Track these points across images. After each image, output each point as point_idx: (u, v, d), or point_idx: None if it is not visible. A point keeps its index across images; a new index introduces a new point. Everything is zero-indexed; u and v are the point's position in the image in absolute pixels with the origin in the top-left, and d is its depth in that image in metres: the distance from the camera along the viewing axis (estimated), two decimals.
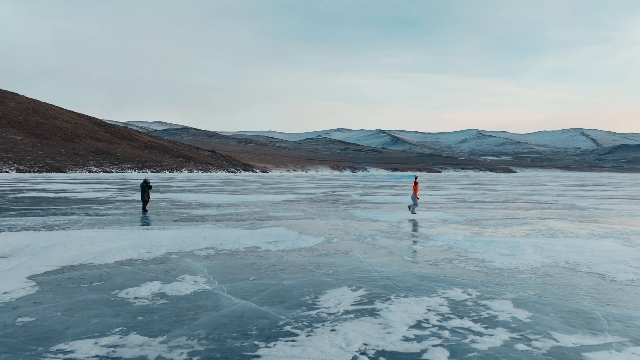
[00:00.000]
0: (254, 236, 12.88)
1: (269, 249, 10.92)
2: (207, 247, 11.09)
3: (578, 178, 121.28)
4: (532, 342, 5.06)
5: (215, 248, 11.03)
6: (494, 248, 10.99)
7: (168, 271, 8.56)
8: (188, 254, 10.31)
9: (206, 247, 11.18)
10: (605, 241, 12.13)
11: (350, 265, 9.12)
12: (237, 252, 10.60)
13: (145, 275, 8.22)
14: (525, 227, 15.34)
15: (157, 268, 8.84)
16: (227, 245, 11.45)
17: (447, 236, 13.05)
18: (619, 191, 44.23)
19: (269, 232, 13.82)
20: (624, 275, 8.24)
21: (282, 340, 5.11)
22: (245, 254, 10.37)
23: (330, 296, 6.90)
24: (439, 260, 9.63)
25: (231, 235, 13.07)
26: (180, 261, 9.48)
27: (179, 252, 10.46)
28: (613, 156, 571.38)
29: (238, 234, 13.23)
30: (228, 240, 12.10)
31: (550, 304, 6.51)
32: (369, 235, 13.33)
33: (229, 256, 10.07)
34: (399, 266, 9.07)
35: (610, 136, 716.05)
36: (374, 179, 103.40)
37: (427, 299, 6.73)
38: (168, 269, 8.79)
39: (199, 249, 10.95)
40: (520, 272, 8.51)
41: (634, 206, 25.00)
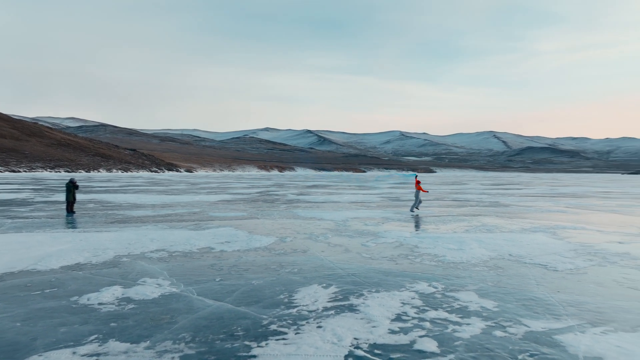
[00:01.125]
0: (203, 237, 12.55)
1: (224, 250, 10.70)
2: (157, 250, 10.65)
3: (493, 178, 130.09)
4: (507, 328, 5.44)
5: (167, 250, 10.63)
6: (442, 244, 11.57)
7: (124, 275, 8.13)
8: (139, 256, 9.84)
9: (156, 249, 10.74)
10: (537, 235, 13.19)
11: (312, 264, 9.19)
12: (192, 253, 10.29)
13: (100, 280, 7.75)
14: (461, 223, 16.26)
15: (111, 272, 8.37)
16: (178, 246, 11.06)
17: (394, 233, 13.52)
18: (531, 189, 48.07)
19: (217, 232, 13.52)
20: (563, 265, 9.04)
21: (273, 339, 5.08)
22: (200, 255, 10.09)
23: (305, 294, 6.93)
24: (395, 257, 9.97)
25: (179, 236, 12.65)
26: (133, 264, 9.04)
27: (128, 255, 9.95)
28: (521, 157, 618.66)
29: (186, 235, 12.83)
30: (177, 242, 11.70)
31: (509, 293, 7.01)
32: (320, 234, 13.48)
33: (184, 258, 9.75)
34: (360, 263, 9.29)
35: (519, 139, 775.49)
36: (303, 178, 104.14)
37: (398, 293, 6.97)
38: (123, 272, 8.34)
39: (149, 251, 10.48)
40: (473, 265, 9.05)
41: (548, 203, 27.33)
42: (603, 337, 5.14)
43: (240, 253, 10.33)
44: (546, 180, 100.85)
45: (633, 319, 5.82)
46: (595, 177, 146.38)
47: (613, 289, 7.29)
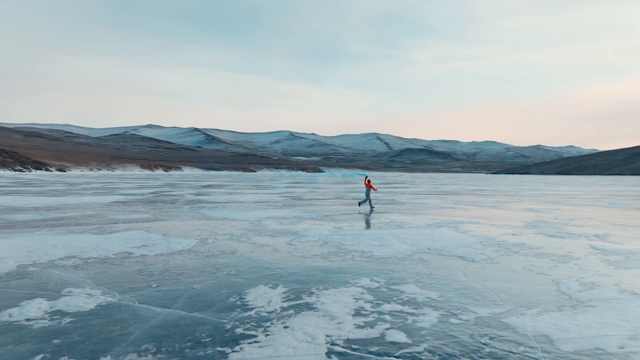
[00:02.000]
0: (115, 241, 11.61)
1: (145, 254, 10.02)
2: (67, 257, 9.63)
3: (379, 177, 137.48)
4: (459, 315, 5.89)
5: (79, 257, 9.66)
6: (364, 240, 12.05)
7: (41, 286, 7.25)
8: (49, 265, 8.82)
9: (65, 256, 9.70)
10: (442, 229, 14.33)
11: (248, 265, 9.01)
12: (109, 259, 9.48)
13: (14, 294, 6.83)
14: (372, 220, 17.05)
15: (24, 284, 7.41)
16: (90, 253, 10.11)
17: (314, 232, 13.75)
18: (417, 188, 51.84)
19: (128, 236, 12.59)
20: (477, 256, 9.96)
21: (245, 343, 4.94)
22: (120, 261, 9.34)
23: (255, 295, 6.80)
24: (326, 254, 10.17)
25: (85, 241, 11.55)
26: (46, 274, 8.08)
27: (35, 264, 8.87)
28: (401, 158, 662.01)
29: (93, 240, 11.75)
30: (87, 248, 10.68)
31: (445, 284, 7.58)
32: (239, 234, 13.22)
33: (103, 264, 8.95)
34: (295, 262, 9.32)
35: (399, 140, 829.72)
36: (193, 178, 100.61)
37: (346, 289, 7.16)
38: (38, 283, 7.43)
39: (57, 258, 9.44)
40: (401, 260, 9.58)
41: (438, 200, 29.73)
42: (539, 317, 5.82)
43: (164, 257, 9.76)
44: (425, 179, 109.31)
45: (554, 300, 6.65)
46: (466, 177, 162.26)
47: (527, 275, 8.24)
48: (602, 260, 9.61)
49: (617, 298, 6.67)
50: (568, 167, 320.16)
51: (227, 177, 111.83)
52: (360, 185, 58.97)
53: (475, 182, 78.84)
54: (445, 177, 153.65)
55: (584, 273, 8.38)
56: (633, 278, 8.01)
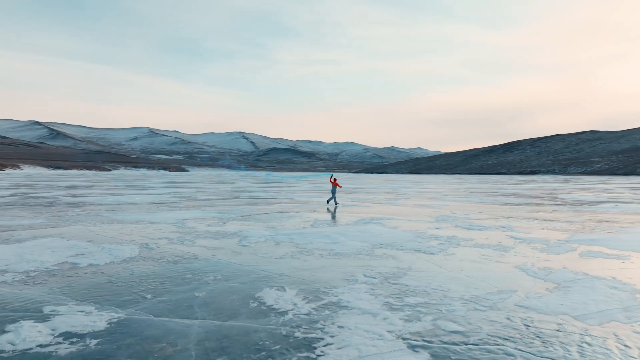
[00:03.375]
0: (38, 251, 10.07)
1: (93, 264, 8.89)
2: (3, 271, 8.14)
3: (250, 176, 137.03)
4: (480, 302, 6.43)
5: (14, 271, 8.22)
6: (314, 239, 12.18)
7: (8, 307, 6.08)
8: None
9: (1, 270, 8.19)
10: (373, 225, 15.07)
11: (227, 269, 8.56)
12: (56, 271, 8.24)
13: None
14: (297, 219, 17.18)
15: None
16: (22, 266, 8.65)
17: (253, 232, 13.45)
18: (301, 187, 53.05)
19: (47, 244, 10.98)
20: (432, 249, 10.77)
21: (320, 345, 4.82)
22: (72, 272, 8.17)
23: (273, 299, 6.57)
24: (293, 254, 10.08)
25: (3, 253, 9.81)
26: (4, 294, 6.77)
27: None
28: (267, 157, 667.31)
29: (8, 251, 10.04)
30: (10, 260, 9.12)
31: (434, 276, 8.12)
32: (176, 237, 12.38)
33: (56, 277, 7.76)
34: (272, 263, 9.10)
35: (265, 140, 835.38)
36: (43, 178, 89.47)
37: (353, 286, 7.27)
38: (3, 304, 6.22)
39: None
40: (370, 256, 9.92)
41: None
42: (542, 299, 6.63)
43: (121, 266, 8.77)
44: (293, 178, 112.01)
45: (535, 283, 7.59)
46: (336, 176, 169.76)
47: (489, 264, 9.20)
48: (532, 248, 11.12)
49: (579, 279, 7.87)
50: (418, 166, 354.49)
51: (84, 177, 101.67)
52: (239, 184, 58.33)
53: (349, 181, 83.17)
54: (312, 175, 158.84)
55: (531, 259, 9.64)
56: (572, 261, 9.46)
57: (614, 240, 12.23)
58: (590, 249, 10.84)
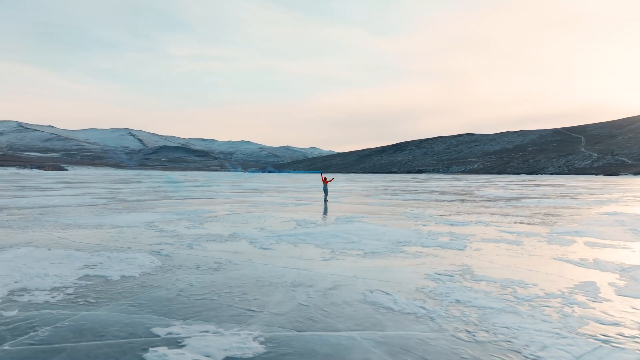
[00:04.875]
0: (34, 264, 8.48)
1: (127, 275, 7.66)
2: (22, 290, 6.66)
3: (137, 175, 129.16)
4: (557, 288, 6.66)
5: (38, 288, 6.80)
6: (327, 239, 11.75)
7: (105, 332, 4.97)
8: (23, 305, 5.99)
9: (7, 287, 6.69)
10: (362, 224, 14.98)
11: (288, 275, 7.88)
12: (95, 286, 6.96)
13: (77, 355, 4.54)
14: (274, 220, 16.49)
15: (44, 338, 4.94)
16: (40, 282, 7.21)
17: (249, 233, 12.63)
18: (219, 186, 51.16)
19: (34, 255, 9.27)
20: (450, 245, 10.98)
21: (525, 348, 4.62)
22: (115, 285, 6.97)
23: (390, 302, 6.17)
24: (324, 256, 9.62)
25: None
26: (72, 317, 5.52)
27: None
28: (157, 156, 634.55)
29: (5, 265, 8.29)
30: (17, 276, 7.56)
31: (486, 268, 8.26)
32: (174, 242, 11.17)
33: (111, 293, 6.56)
34: (323, 266, 8.59)
35: (155, 137, 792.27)
36: None
37: (425, 282, 7.13)
38: (94, 329, 5.07)
39: (12, 292, 6.44)
40: (406, 254, 9.82)
41: (273, 197, 30.25)
42: (618, 286, 7.06)
43: (162, 276, 7.67)
44: (198, 177, 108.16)
45: (586, 272, 8.08)
46: (235, 175, 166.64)
47: (533, 258, 9.61)
48: (540, 241, 11.85)
49: (635, 266, 8.55)
50: (315, 165, 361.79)
51: None
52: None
53: (257, 181, 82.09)
54: (217, 175, 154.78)
55: (554, 251, 10.26)
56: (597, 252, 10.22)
57: (593, 231, 13.50)
58: (590, 240, 11.83)
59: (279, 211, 19.85)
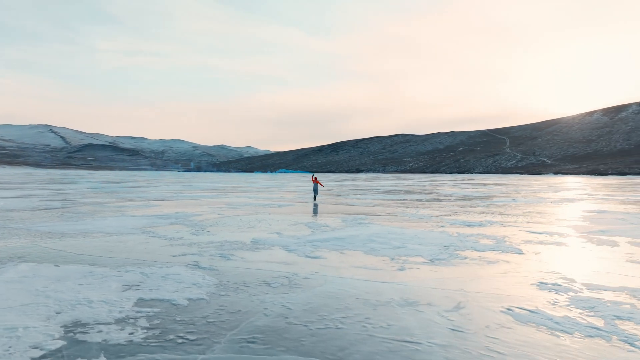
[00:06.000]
0: (57, 286, 6.75)
1: (196, 297, 6.21)
2: (76, 323, 5.09)
3: (77, 175, 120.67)
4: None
5: (99, 321, 5.25)
6: (366, 244, 10.72)
7: None
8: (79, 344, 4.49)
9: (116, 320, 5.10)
10: (378, 227, 14.07)
11: (376, 290, 6.78)
12: (171, 316, 5.51)
13: None
14: (281, 223, 15.18)
15: None
16: (93, 312, 5.64)
17: (272, 239, 11.31)
18: (166, 187, 48.23)
19: (46, 273, 7.47)
20: (506, 248, 10.35)
21: None
22: (198, 312, 5.55)
23: (541, 321, 5.27)
24: (386, 266, 8.61)
25: (6, 291, 6.28)
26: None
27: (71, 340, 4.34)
28: (82, 154, 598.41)
29: (12, 289, 6.49)
30: (51, 304, 5.88)
31: (565, 266, 7.65)
32: (201, 252, 9.65)
33: (205, 326, 5.16)
34: (401, 277, 7.56)
35: (79, 135, 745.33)
36: None
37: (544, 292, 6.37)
38: None
39: (96, 327, 4.88)
40: (476, 260, 9.04)
41: (243, 199, 28.62)
42: None
43: (242, 297, 6.30)
44: (135, 177, 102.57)
45: None
46: (167, 174, 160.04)
47: (611, 261, 9.13)
48: (580, 241, 11.52)
49: None
50: (252, 165, 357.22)
51: None
52: None
53: (204, 181, 78.90)
54: (146, 175, 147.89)
55: (619, 253, 9.89)
56: None
57: (621, 230, 13.45)
58: (631, 240, 11.65)
59: (270, 213, 18.47)
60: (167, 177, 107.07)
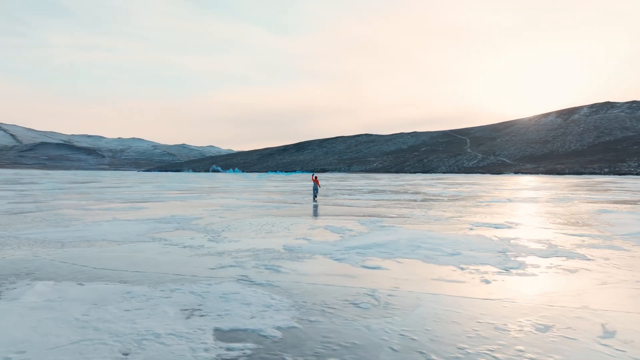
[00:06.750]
0: (97, 312, 5.43)
1: (289, 327, 5.05)
2: None
3: (33, 175, 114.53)
4: None
5: None
6: (414, 251, 9.74)
7: None
8: None
9: None
10: (406, 231, 13.15)
11: (429, 306, 5.81)
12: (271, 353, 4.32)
13: None
14: (300, 226, 14.01)
15: None
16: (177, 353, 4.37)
17: (299, 249, 10.17)
18: (140, 187, 45.92)
19: (78, 296, 6.08)
20: (512, 249, 9.62)
21: None
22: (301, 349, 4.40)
23: None
24: (411, 271, 7.68)
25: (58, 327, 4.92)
26: None
27: None
28: (35, 153, 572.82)
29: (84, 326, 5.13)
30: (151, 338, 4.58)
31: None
32: (207, 267, 8.41)
33: None
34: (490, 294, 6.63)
35: (31, 133, 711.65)
36: None
37: None
38: None
39: None
40: (552, 269, 8.24)
41: (228, 200, 27.15)
42: None
43: (297, 327, 5.18)
44: (100, 177, 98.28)
45: None
46: (128, 174, 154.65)
47: None
48: (629, 242, 10.95)
49: None
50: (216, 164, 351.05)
51: None
52: None
53: (174, 182, 76.16)
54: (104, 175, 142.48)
55: None
56: None
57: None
58: None
59: (275, 216, 17.23)
60: (132, 177, 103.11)
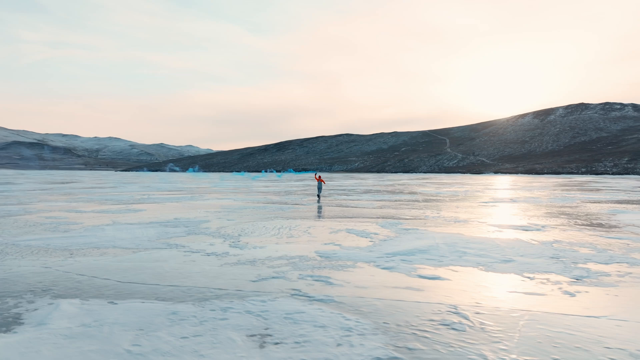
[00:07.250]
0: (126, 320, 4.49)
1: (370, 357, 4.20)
2: None
3: (6, 175, 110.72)
4: None
5: None
6: (460, 257, 8.99)
7: None
8: None
9: None
10: (437, 235, 12.43)
11: (536, 329, 5.07)
12: None
13: None
14: (314, 231, 13.14)
15: None
16: None
17: (334, 256, 9.33)
18: (128, 188, 44.32)
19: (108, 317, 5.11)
20: (560, 254, 9.00)
21: None
22: None
23: None
24: (472, 281, 6.95)
25: None
26: None
27: None
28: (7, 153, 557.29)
29: None
30: None
31: None
32: (246, 280, 7.52)
33: None
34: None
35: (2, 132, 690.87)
36: None
37: None
38: None
39: None
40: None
41: (218, 198, 26.12)
42: None
43: (402, 357, 4.36)
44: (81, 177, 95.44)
45: None
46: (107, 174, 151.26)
47: None
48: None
49: None
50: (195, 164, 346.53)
51: None
52: None
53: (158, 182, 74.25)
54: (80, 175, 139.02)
55: None
56: None
57: None
58: None
59: (285, 218, 16.30)
60: (113, 177, 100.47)
